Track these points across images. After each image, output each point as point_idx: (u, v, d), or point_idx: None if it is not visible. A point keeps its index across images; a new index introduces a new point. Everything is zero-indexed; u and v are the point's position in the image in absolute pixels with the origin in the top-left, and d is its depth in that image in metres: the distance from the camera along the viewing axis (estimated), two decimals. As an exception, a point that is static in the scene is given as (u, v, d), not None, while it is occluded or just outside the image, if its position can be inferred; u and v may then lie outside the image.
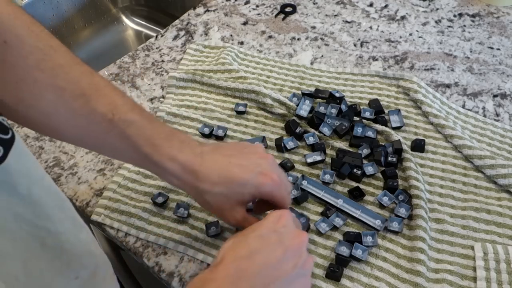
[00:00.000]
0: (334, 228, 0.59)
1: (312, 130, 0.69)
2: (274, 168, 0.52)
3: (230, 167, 0.50)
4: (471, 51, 0.82)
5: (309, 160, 0.66)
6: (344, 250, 0.57)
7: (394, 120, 0.70)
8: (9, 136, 0.37)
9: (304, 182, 0.63)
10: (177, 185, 0.51)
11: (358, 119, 0.71)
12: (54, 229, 0.44)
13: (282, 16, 0.92)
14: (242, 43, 0.87)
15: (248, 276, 0.41)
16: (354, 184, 0.64)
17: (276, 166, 0.53)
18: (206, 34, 0.89)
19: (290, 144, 0.68)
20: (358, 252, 0.56)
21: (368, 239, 0.57)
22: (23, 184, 0.39)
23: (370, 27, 0.88)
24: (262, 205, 0.55)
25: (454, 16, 0.89)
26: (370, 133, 0.69)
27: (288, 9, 0.93)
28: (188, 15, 0.94)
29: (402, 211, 0.60)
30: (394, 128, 0.70)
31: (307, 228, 0.59)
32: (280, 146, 0.68)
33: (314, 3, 0.94)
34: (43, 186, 0.42)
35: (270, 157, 0.52)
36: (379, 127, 0.69)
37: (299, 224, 0.50)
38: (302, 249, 0.45)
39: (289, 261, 0.43)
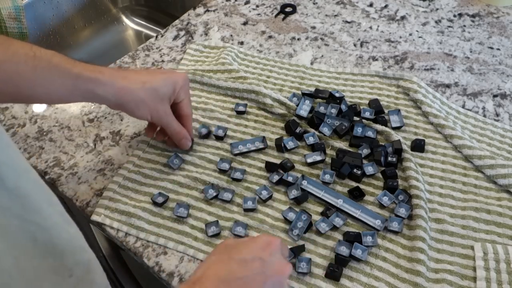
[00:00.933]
0: (334, 228, 0.59)
1: (312, 130, 0.69)
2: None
3: (149, 74, 0.61)
4: (471, 51, 0.82)
5: (309, 160, 0.66)
6: (344, 250, 0.57)
7: (394, 120, 0.70)
8: None
9: (304, 182, 0.63)
10: (113, 94, 0.57)
11: (358, 119, 0.71)
12: (44, 223, 0.43)
13: (282, 16, 0.92)
14: (242, 43, 0.87)
15: None
16: (354, 184, 0.64)
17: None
18: (206, 34, 0.89)
19: (290, 144, 0.68)
20: (357, 252, 0.56)
21: (368, 239, 0.57)
22: (10, 177, 0.39)
23: (370, 27, 0.88)
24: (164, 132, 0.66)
25: (454, 16, 0.89)
26: (370, 133, 0.69)
27: (288, 9, 0.93)
28: (188, 15, 0.94)
29: (402, 211, 0.60)
30: (394, 128, 0.70)
31: (308, 225, 0.59)
32: (280, 146, 0.68)
33: (314, 3, 0.94)
34: (30, 180, 0.42)
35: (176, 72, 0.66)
36: (379, 127, 0.69)
37: (287, 251, 0.51)
38: (282, 282, 0.45)
39: None
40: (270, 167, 0.66)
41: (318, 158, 0.66)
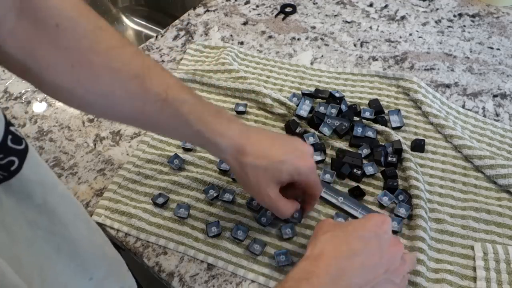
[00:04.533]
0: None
1: (312, 130, 0.69)
2: (312, 157, 0.55)
3: (272, 146, 0.53)
4: (471, 51, 0.82)
5: (309, 160, 0.66)
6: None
7: (394, 120, 0.71)
8: (22, 146, 0.37)
9: (304, 182, 0.63)
10: (224, 159, 0.54)
11: (358, 119, 0.71)
12: (69, 235, 0.44)
13: (282, 16, 0.92)
14: (242, 43, 0.87)
15: (346, 275, 0.43)
16: (354, 184, 0.64)
17: (312, 155, 0.55)
18: (206, 34, 0.89)
19: (290, 144, 0.68)
20: None
21: None
22: (38, 193, 0.40)
23: (370, 27, 0.88)
24: (290, 191, 0.56)
25: (454, 16, 0.89)
26: (370, 133, 0.69)
27: (288, 9, 0.93)
28: (188, 15, 0.94)
29: (402, 211, 0.60)
30: (394, 128, 0.70)
31: (299, 220, 0.60)
32: (280, 146, 0.68)
33: (314, 3, 0.94)
34: (58, 194, 0.42)
35: (308, 146, 0.56)
36: (379, 127, 0.69)
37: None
38: (396, 258, 0.47)
39: (383, 267, 0.46)
40: (270, 167, 0.66)
41: (318, 158, 0.66)
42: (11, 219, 0.38)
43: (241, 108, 0.74)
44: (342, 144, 0.68)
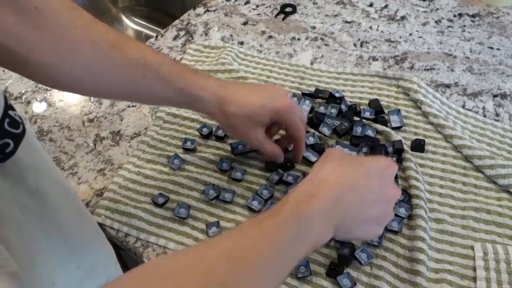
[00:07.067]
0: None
1: (312, 130, 0.69)
2: (287, 96, 0.59)
3: (250, 94, 0.58)
4: (471, 51, 0.82)
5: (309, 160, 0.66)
6: (347, 251, 0.57)
7: (394, 120, 0.70)
8: (19, 130, 0.38)
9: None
10: (208, 112, 0.58)
11: (358, 119, 0.71)
12: (59, 221, 0.45)
13: (282, 16, 0.92)
14: (242, 43, 0.87)
15: (343, 205, 0.45)
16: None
17: (288, 95, 0.60)
18: (206, 34, 0.89)
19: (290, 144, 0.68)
20: (362, 256, 0.56)
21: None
22: (31, 177, 0.41)
23: (370, 27, 0.88)
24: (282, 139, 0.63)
25: (454, 16, 0.89)
26: (369, 132, 0.69)
27: (288, 9, 0.93)
28: (188, 15, 0.94)
29: (402, 211, 0.60)
30: (394, 128, 0.70)
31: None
32: (280, 146, 0.68)
33: (314, 3, 0.94)
34: (50, 179, 0.44)
35: (282, 88, 0.61)
36: (379, 127, 0.69)
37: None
38: (392, 202, 0.49)
39: (378, 207, 0.47)
40: (270, 167, 0.66)
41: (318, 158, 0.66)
42: (3, 202, 0.39)
43: (241, 108, 0.73)
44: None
